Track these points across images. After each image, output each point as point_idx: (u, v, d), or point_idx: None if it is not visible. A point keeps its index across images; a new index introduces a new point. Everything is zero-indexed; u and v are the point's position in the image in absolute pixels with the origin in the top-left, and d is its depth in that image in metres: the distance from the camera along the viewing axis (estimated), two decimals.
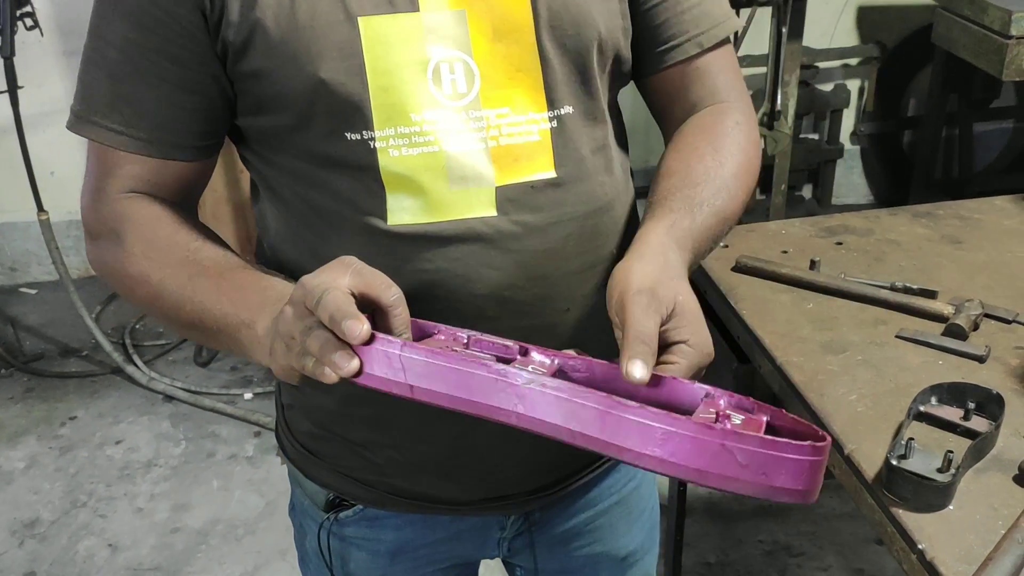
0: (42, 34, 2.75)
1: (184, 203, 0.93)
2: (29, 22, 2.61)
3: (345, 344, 0.71)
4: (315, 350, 0.72)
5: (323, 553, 1.07)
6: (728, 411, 0.70)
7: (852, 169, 3.78)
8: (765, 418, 0.71)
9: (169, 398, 2.83)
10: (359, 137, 0.85)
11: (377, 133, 0.84)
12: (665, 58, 0.96)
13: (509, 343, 0.78)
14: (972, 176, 3.62)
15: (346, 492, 1.03)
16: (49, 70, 3.16)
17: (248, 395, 2.83)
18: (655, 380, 0.72)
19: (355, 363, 0.71)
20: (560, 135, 0.89)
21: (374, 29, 0.83)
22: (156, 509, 2.42)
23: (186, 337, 1.09)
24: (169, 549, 2.30)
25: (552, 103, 0.88)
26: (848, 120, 3.63)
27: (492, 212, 0.87)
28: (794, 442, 0.62)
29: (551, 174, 0.89)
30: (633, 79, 1.00)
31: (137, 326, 3.18)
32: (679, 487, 1.79)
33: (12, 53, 2.57)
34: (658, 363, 0.73)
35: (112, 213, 0.90)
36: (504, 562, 1.18)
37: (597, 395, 0.66)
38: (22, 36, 2.62)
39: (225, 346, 0.86)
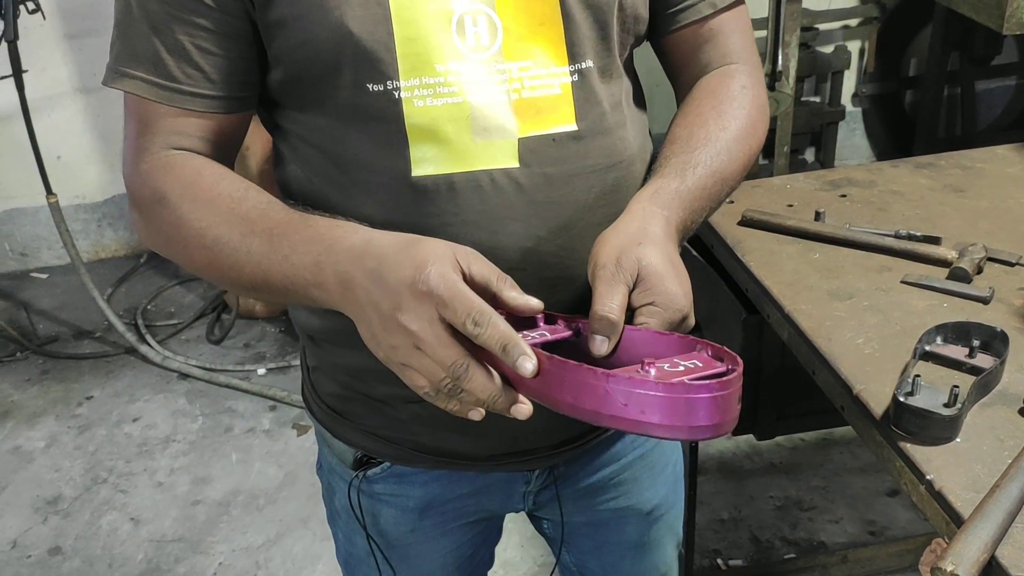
0: (44, 17, 2.76)
1: (223, 160, 0.93)
2: (31, 5, 2.62)
3: (510, 387, 0.76)
4: (477, 388, 0.75)
5: (354, 510, 1.10)
6: (690, 363, 0.76)
7: (854, 131, 3.78)
8: (719, 367, 0.76)
9: (184, 376, 2.87)
10: (383, 88, 0.86)
11: (402, 83, 0.86)
12: (679, 18, 0.99)
13: (538, 309, 0.82)
14: (975, 134, 3.63)
15: (373, 450, 1.05)
16: (52, 54, 3.17)
17: (262, 371, 2.86)
18: (642, 336, 0.80)
19: (528, 409, 0.77)
20: (581, 89, 0.91)
21: None
22: (176, 483, 2.47)
23: (255, 298, 1.09)
24: (191, 520, 2.34)
25: (573, 57, 0.90)
26: (849, 82, 3.63)
27: (515, 163, 0.89)
28: (663, 382, 0.70)
29: (572, 127, 0.91)
30: (648, 39, 1.02)
31: (149, 306, 3.22)
32: (690, 446, 1.82)
33: (16, 36, 2.58)
34: (635, 323, 0.80)
35: (153, 171, 0.89)
36: (530, 515, 1.20)
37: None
38: (24, 20, 2.63)
39: (298, 302, 0.87)
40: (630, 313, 0.82)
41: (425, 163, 0.88)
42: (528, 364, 0.73)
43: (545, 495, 1.12)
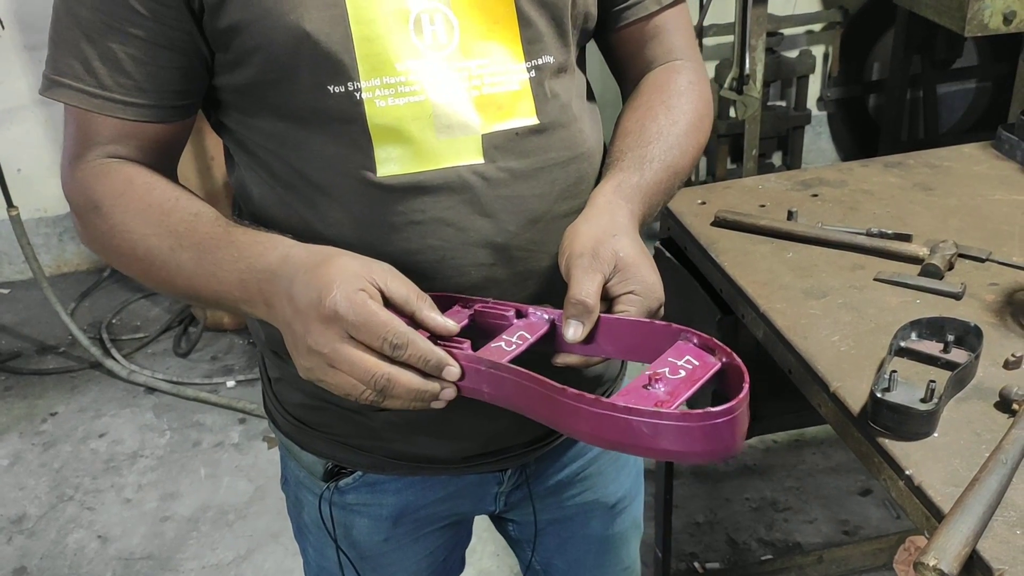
0: (3, 28, 2.72)
1: (163, 168, 0.92)
2: None
3: (433, 382, 0.77)
4: (403, 394, 0.76)
5: (324, 523, 1.08)
6: (681, 361, 0.76)
7: (820, 134, 3.82)
8: (716, 365, 0.76)
9: (151, 390, 2.82)
10: (343, 89, 0.85)
11: (363, 83, 0.85)
12: (626, 15, 1.00)
13: (508, 311, 0.84)
14: (938, 137, 3.68)
15: (344, 460, 1.03)
16: (11, 66, 3.12)
17: (231, 383, 2.82)
18: (638, 327, 0.80)
19: (451, 393, 0.78)
20: (539, 84, 0.91)
21: None
22: (144, 499, 2.42)
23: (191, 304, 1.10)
24: (160, 538, 2.30)
25: (530, 54, 0.91)
26: (814, 86, 3.66)
27: (479, 159, 0.89)
28: (686, 412, 0.69)
29: (533, 120, 0.91)
30: (594, 37, 1.02)
31: (114, 320, 3.16)
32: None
33: None
34: (613, 312, 0.81)
35: (86, 179, 0.89)
36: (496, 520, 1.19)
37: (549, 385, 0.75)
38: None
39: (233, 314, 0.89)
40: (609, 303, 0.82)
41: (390, 163, 0.87)
42: (453, 370, 0.76)
43: (516, 495, 1.11)
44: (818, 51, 3.61)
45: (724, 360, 0.76)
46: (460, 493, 1.08)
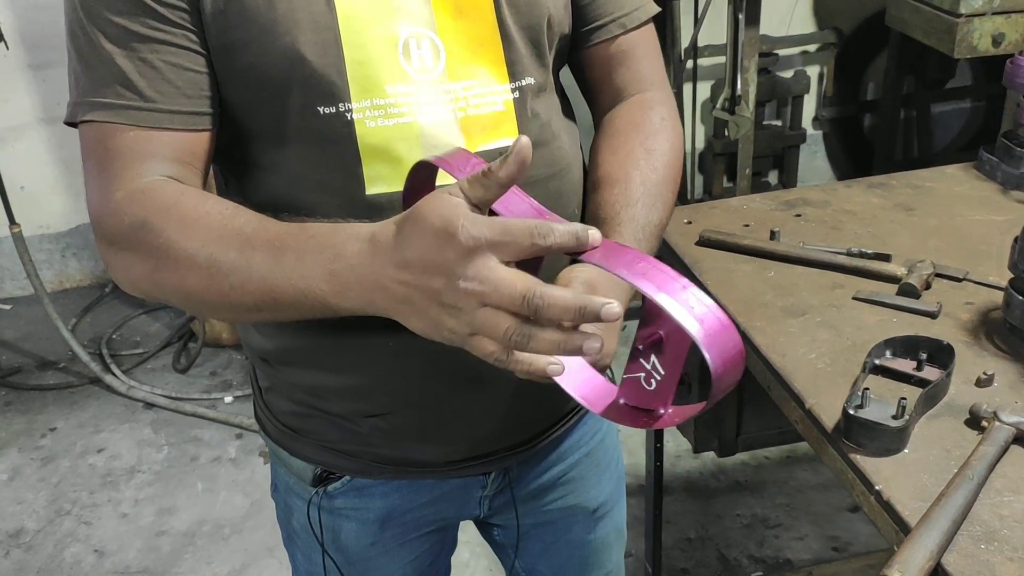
0: (7, 47, 2.76)
1: (198, 183, 0.89)
2: None
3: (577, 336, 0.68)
4: (564, 315, 0.66)
5: (312, 528, 1.10)
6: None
7: (815, 153, 3.85)
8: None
9: (150, 405, 2.84)
10: (334, 110, 0.88)
11: (354, 105, 0.88)
12: (591, 37, 1.03)
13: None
14: (932, 156, 3.70)
15: (332, 465, 1.06)
16: (15, 84, 3.16)
17: (228, 398, 2.84)
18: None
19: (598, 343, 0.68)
20: (522, 105, 0.95)
21: (347, 6, 0.87)
22: (141, 514, 2.44)
23: (257, 320, 0.97)
24: (156, 552, 2.32)
25: (513, 75, 0.94)
26: (809, 106, 3.70)
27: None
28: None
29: None
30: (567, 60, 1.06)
31: (114, 336, 3.19)
32: (656, 463, 1.84)
33: None
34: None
35: (129, 199, 0.83)
36: (481, 525, 1.22)
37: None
38: None
39: (309, 314, 0.79)
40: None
41: (379, 181, 0.90)
42: (615, 310, 0.66)
43: (500, 499, 1.14)
44: (813, 71, 3.64)
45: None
46: (445, 497, 1.11)
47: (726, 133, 2.83)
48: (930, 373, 1.12)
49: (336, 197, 0.90)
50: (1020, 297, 1.17)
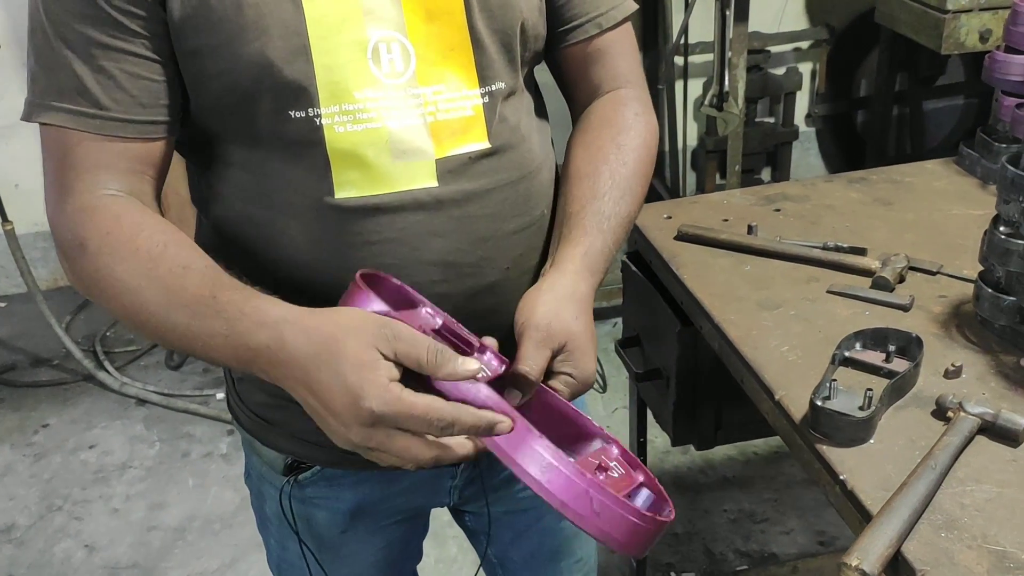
0: (0, 46, 2.77)
1: (154, 189, 0.92)
2: None
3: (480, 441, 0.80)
4: (459, 458, 0.81)
5: (285, 516, 1.11)
6: (612, 463, 0.86)
7: (808, 150, 3.85)
8: (640, 478, 0.86)
9: (142, 402, 2.86)
10: (304, 115, 0.88)
11: (323, 110, 0.88)
12: (568, 37, 1.04)
13: (473, 340, 0.89)
14: (925, 153, 3.71)
15: (303, 455, 1.07)
16: (9, 83, 3.17)
17: (220, 395, 2.86)
18: (569, 414, 0.89)
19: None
20: (491, 109, 0.95)
21: (316, 9, 0.87)
22: (132, 509, 2.45)
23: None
24: (146, 547, 2.33)
25: (483, 80, 0.95)
26: (802, 103, 3.70)
27: (433, 183, 0.93)
28: (641, 511, 0.77)
29: (485, 145, 0.95)
30: (544, 57, 1.07)
31: (108, 333, 3.20)
32: (639, 457, 1.84)
33: None
34: (547, 384, 0.88)
35: (76, 214, 0.86)
36: (454, 511, 1.23)
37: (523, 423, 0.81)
38: None
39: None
40: (546, 375, 0.89)
41: (348, 186, 0.91)
42: (503, 425, 0.78)
43: (470, 489, 1.15)
44: (805, 68, 3.64)
45: (643, 479, 0.84)
46: (415, 487, 1.12)
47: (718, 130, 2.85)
48: (899, 365, 1.13)
49: (305, 198, 0.91)
50: (989, 290, 1.18)
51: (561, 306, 0.90)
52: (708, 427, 1.54)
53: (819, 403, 1.05)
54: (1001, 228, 1.16)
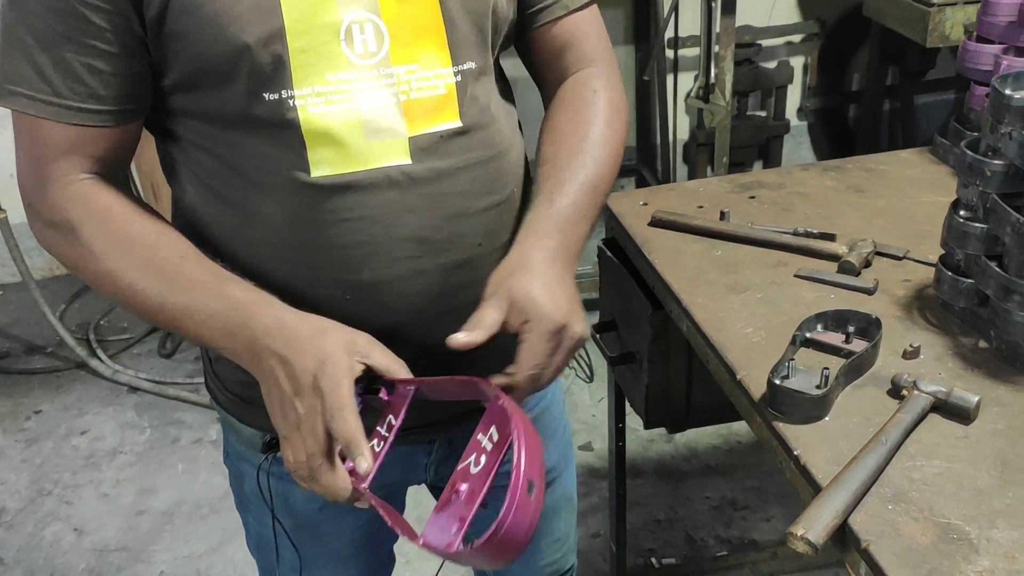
0: None
1: (117, 175, 0.96)
2: None
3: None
4: (332, 491, 0.91)
5: (262, 493, 1.14)
6: (463, 484, 0.90)
7: (800, 144, 3.87)
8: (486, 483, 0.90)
9: (134, 389, 2.88)
10: (278, 97, 0.91)
11: (296, 92, 0.90)
12: (536, 19, 1.06)
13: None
14: (916, 147, 3.72)
15: None
16: None
17: None
18: (446, 381, 0.92)
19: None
20: (463, 88, 0.97)
21: None
22: (122, 494, 2.48)
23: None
24: (135, 531, 2.36)
25: (456, 59, 0.97)
26: (794, 96, 3.72)
27: (407, 160, 0.95)
28: (470, 549, 0.84)
29: (457, 123, 0.97)
30: (513, 43, 1.09)
31: (102, 322, 3.23)
32: (617, 443, 1.87)
33: None
34: (519, 340, 0.92)
35: (63, 200, 0.92)
36: (432, 488, 1.25)
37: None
38: None
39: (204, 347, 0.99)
40: (513, 336, 0.92)
41: (323, 165, 0.93)
42: (364, 463, 0.87)
43: (446, 466, 1.17)
44: (797, 62, 3.66)
45: (513, 430, 0.87)
46: (391, 464, 1.13)
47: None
48: (858, 346, 1.15)
49: (281, 178, 0.94)
50: (949, 273, 1.20)
51: (505, 274, 0.94)
52: (680, 410, 1.56)
53: (777, 382, 1.07)
54: (961, 212, 1.19)
